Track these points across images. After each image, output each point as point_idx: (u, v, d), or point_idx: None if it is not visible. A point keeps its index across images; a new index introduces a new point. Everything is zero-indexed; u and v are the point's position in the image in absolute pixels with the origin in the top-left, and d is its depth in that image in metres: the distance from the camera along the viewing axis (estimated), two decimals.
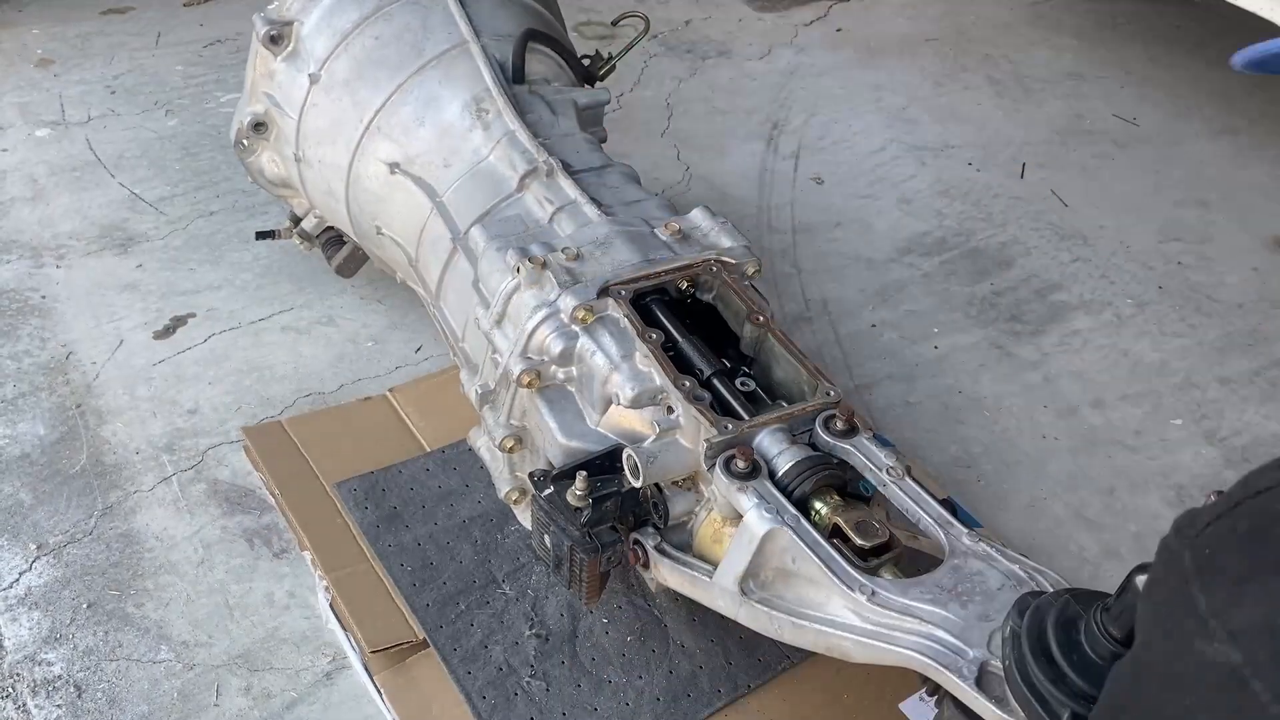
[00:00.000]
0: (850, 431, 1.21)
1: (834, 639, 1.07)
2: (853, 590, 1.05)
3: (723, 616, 1.21)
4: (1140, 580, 0.57)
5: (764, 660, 1.47)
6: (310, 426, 1.81)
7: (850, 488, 1.18)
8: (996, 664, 0.94)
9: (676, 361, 1.30)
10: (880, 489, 1.16)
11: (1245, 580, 0.45)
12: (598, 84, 1.97)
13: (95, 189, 2.49)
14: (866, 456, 1.19)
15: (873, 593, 1.03)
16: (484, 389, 1.46)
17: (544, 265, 1.40)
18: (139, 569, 1.64)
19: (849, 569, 1.06)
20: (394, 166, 1.74)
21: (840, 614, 1.07)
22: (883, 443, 1.22)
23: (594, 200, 1.54)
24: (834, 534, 1.11)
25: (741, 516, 1.13)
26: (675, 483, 1.27)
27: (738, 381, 1.32)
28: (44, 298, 2.17)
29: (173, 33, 3.18)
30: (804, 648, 1.13)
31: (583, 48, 2.05)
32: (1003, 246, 2.49)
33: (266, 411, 1.91)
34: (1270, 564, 0.45)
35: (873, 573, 1.07)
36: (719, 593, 1.17)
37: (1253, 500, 0.48)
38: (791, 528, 1.09)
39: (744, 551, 1.12)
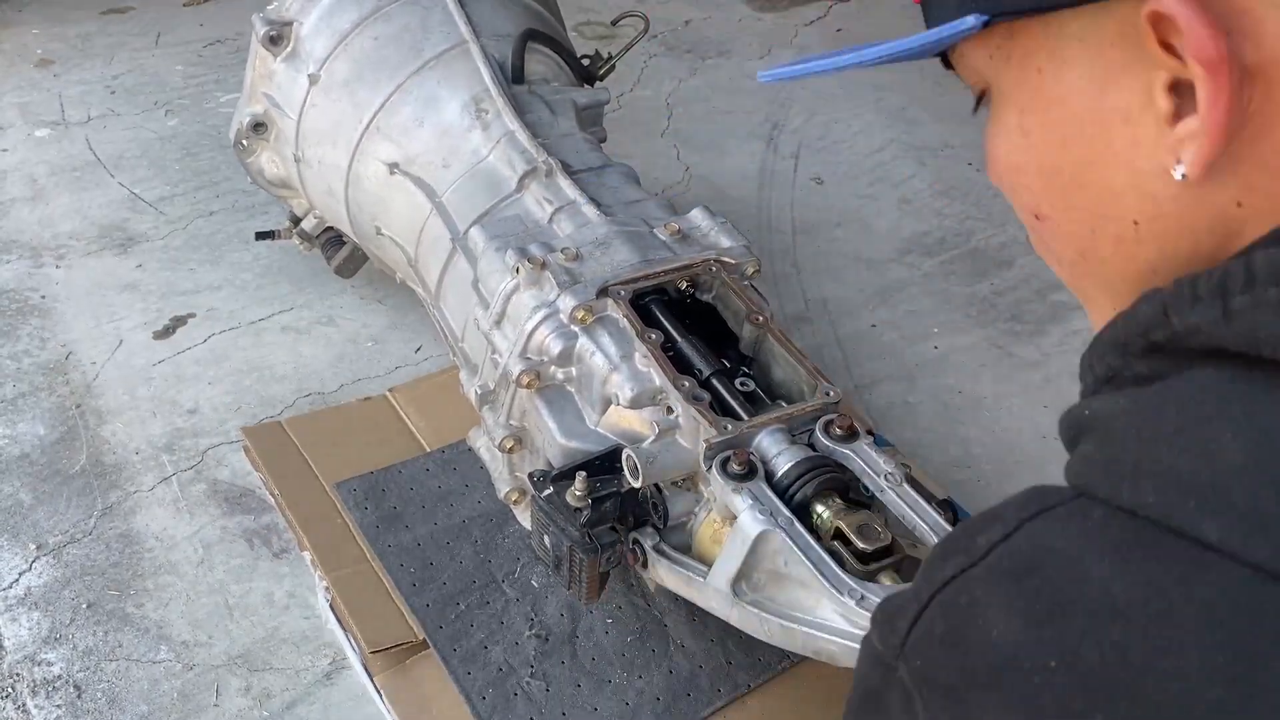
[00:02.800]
0: (850, 436, 1.21)
1: (821, 642, 1.07)
2: (842, 594, 1.05)
3: None
4: None
5: (764, 660, 1.47)
6: (310, 426, 1.81)
7: (852, 491, 1.18)
8: None
9: (676, 362, 1.30)
10: (878, 495, 1.16)
11: (960, 696, 0.43)
12: (597, 84, 1.97)
13: (95, 189, 2.49)
14: (865, 461, 1.18)
15: (861, 597, 1.03)
16: (483, 389, 1.46)
17: (543, 265, 1.40)
18: (139, 569, 1.64)
19: (840, 573, 1.06)
20: (393, 167, 1.74)
21: (829, 618, 1.07)
22: (882, 444, 1.21)
23: (593, 200, 1.54)
24: (836, 537, 1.11)
25: (738, 517, 1.13)
26: (675, 483, 1.27)
27: (737, 382, 1.32)
28: (44, 298, 2.17)
29: (173, 33, 3.18)
30: (792, 650, 1.13)
31: (583, 48, 2.04)
32: (1003, 246, 2.49)
33: (266, 411, 1.91)
34: (974, 674, 0.43)
35: (872, 577, 1.07)
36: (712, 594, 1.17)
37: (940, 594, 0.46)
38: (784, 530, 1.09)
39: (737, 553, 1.12)
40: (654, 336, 1.32)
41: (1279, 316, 0.40)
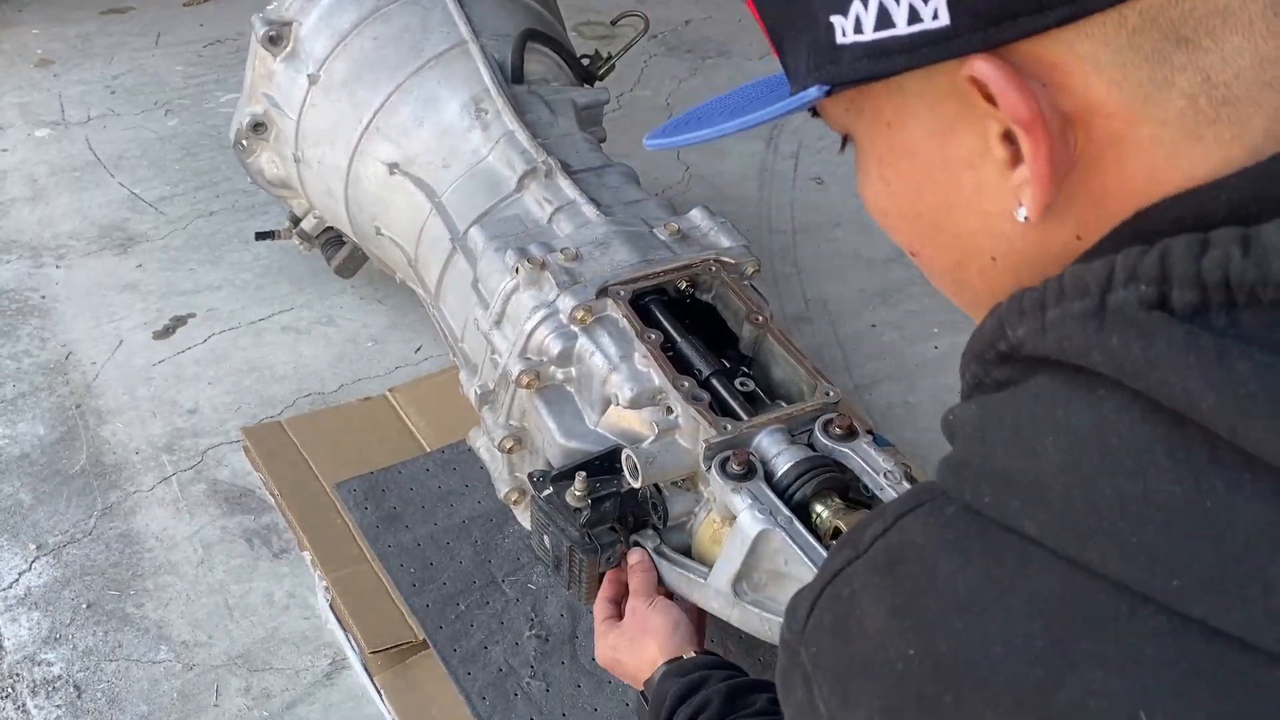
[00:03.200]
0: (849, 436, 1.21)
1: None
2: None
3: None
4: None
5: (764, 660, 1.46)
6: (310, 426, 1.81)
7: (852, 491, 1.18)
8: None
9: (676, 362, 1.30)
10: (877, 494, 1.16)
11: (843, 680, 0.47)
12: (597, 84, 1.97)
13: (95, 189, 2.49)
14: (865, 460, 1.18)
15: None
16: (483, 389, 1.46)
17: (543, 265, 1.40)
18: (139, 569, 1.64)
19: None
20: (393, 167, 1.74)
21: None
22: (882, 444, 1.21)
23: (593, 200, 1.54)
24: (835, 536, 1.11)
25: (737, 517, 1.13)
26: (675, 483, 1.27)
27: (737, 382, 1.32)
28: (44, 298, 2.17)
29: (173, 33, 3.18)
30: None
31: (583, 48, 2.05)
32: None
33: (266, 411, 1.91)
34: (854, 662, 0.47)
35: None
36: (713, 594, 1.16)
37: (830, 585, 0.49)
38: (784, 529, 1.09)
39: (737, 553, 1.12)
40: (654, 336, 1.31)
41: (1084, 328, 0.43)
